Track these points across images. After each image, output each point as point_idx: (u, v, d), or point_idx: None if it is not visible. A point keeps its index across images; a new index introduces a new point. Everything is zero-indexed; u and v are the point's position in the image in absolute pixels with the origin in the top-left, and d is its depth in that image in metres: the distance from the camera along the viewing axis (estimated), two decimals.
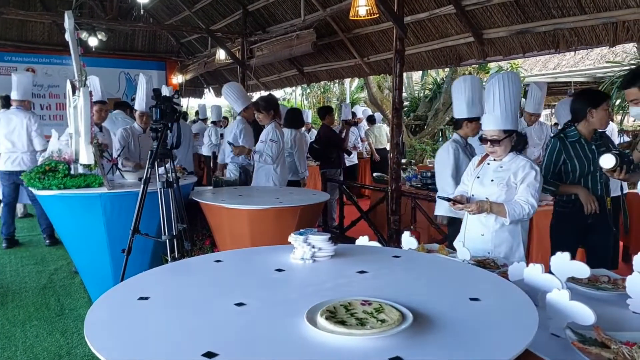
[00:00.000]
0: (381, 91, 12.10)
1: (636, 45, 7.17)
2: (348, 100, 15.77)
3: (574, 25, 4.92)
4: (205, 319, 1.43)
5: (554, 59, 11.12)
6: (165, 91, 5.31)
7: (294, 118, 5.98)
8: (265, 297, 1.62)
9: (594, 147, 3.15)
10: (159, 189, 3.41)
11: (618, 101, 7.53)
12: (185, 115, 9.51)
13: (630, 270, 1.87)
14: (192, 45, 12.39)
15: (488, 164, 2.81)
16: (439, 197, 3.52)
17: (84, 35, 10.12)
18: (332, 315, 1.38)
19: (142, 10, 11.27)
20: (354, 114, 9.68)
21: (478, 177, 2.80)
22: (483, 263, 2.30)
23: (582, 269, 1.81)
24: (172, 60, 13.02)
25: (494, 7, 5.48)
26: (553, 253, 1.88)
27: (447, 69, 10.66)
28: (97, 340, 1.30)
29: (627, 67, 8.18)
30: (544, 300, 1.63)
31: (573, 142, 3.18)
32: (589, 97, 3.20)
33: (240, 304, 1.52)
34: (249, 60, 9.15)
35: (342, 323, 1.34)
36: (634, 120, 9.46)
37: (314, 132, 9.79)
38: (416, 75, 13.75)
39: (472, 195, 2.78)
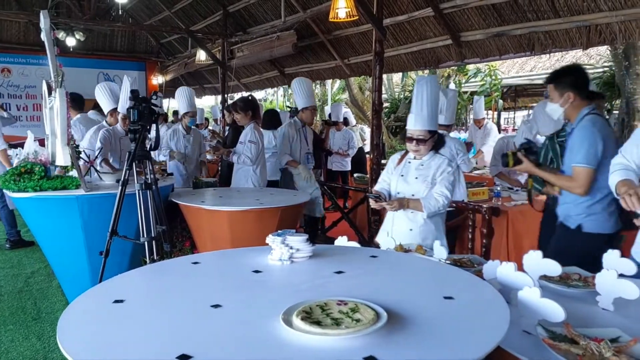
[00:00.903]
0: (362, 92, 12.14)
1: (609, 48, 7.31)
2: (330, 102, 15.78)
3: (549, 28, 5.02)
4: (180, 322, 1.43)
5: (530, 62, 11.30)
6: (183, 93, 5.48)
7: (271, 119, 5.98)
8: (241, 298, 1.62)
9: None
10: (137, 191, 3.38)
11: None
12: (165, 116, 9.40)
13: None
14: (172, 45, 12.29)
15: (409, 162, 2.95)
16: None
17: (61, 35, 9.98)
18: (308, 316, 1.39)
19: (120, 10, 11.15)
20: (345, 120, 9.23)
21: (402, 175, 2.93)
22: (459, 262, 2.33)
23: (553, 267, 1.85)
24: (152, 61, 12.91)
25: (471, 10, 5.56)
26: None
27: (426, 71, 10.74)
28: (70, 343, 1.29)
29: (601, 70, 8.36)
30: (516, 298, 1.66)
31: (561, 142, 3.22)
32: None
33: (216, 306, 1.52)
34: (230, 61, 9.11)
35: (318, 323, 1.35)
36: None
37: None
38: (396, 77, 13.84)
39: (398, 193, 2.93)
